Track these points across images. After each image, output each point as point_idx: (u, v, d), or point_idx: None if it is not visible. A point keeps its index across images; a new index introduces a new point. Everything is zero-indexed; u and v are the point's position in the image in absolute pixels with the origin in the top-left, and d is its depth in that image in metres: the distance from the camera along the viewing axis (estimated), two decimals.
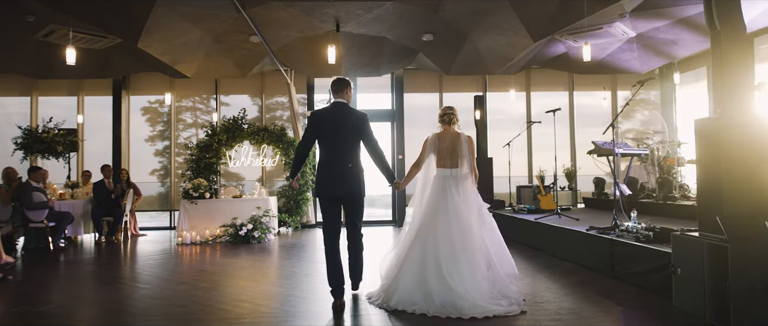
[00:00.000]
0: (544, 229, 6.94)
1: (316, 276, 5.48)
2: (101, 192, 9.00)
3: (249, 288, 4.93)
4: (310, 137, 4.20)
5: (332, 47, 6.03)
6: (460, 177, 4.35)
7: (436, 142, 4.42)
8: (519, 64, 9.81)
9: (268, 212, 8.82)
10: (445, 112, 4.50)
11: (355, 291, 4.48)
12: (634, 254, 4.72)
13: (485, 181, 10.04)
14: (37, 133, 8.98)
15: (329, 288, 4.17)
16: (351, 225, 4.25)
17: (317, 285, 5.04)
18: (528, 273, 5.46)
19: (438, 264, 3.91)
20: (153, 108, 11.24)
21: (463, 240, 4.00)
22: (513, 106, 11.53)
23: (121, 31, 6.79)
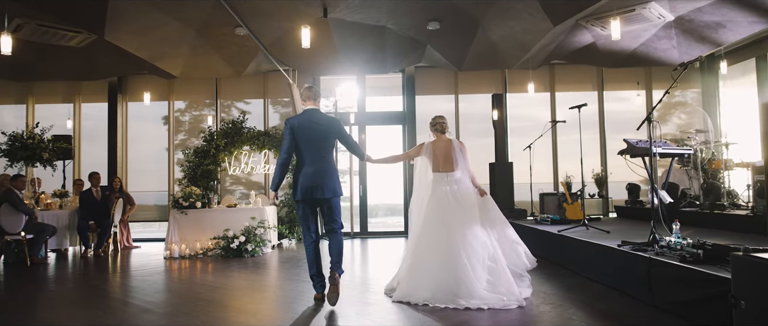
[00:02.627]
0: (568, 243, 5.97)
1: (307, 301, 4.67)
2: (88, 201, 8.42)
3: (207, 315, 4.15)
4: (290, 145, 4.40)
5: (306, 29, 5.26)
6: (456, 179, 4.70)
7: (431, 148, 4.79)
8: (539, 57, 8.85)
9: (263, 222, 8.09)
10: (436, 121, 4.92)
11: (337, 275, 4.41)
12: (679, 278, 3.75)
13: (505, 188, 9.11)
14: (22, 140, 8.47)
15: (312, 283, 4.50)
16: (332, 222, 4.50)
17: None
18: (548, 298, 4.53)
19: (440, 258, 4.28)
20: (153, 113, 10.69)
21: (463, 236, 4.34)
22: (536, 111, 10.52)
23: (85, 23, 6.19)
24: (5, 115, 10.48)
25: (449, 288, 4.17)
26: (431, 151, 4.76)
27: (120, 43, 6.55)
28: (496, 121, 9.48)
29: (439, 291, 4.19)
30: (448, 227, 4.38)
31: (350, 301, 4.55)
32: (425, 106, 10.58)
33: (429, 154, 4.75)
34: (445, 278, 4.21)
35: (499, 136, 9.51)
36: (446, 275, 4.22)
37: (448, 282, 4.19)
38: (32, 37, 6.74)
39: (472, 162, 10.10)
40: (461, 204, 4.51)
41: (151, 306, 4.54)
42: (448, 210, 4.47)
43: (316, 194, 4.36)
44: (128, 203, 9.33)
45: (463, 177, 4.68)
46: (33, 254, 7.43)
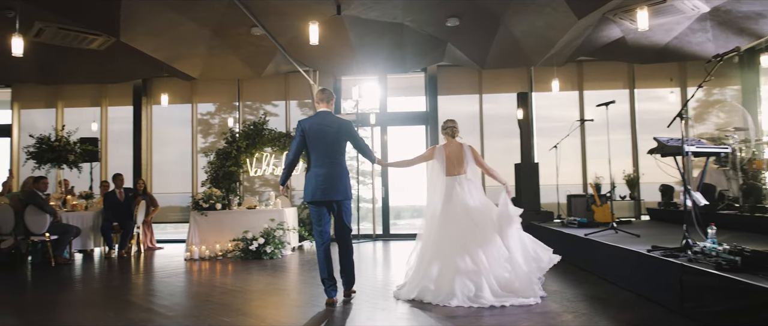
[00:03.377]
0: (595, 247, 5.67)
1: (318, 306, 4.54)
2: (111, 203, 8.51)
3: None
4: (299, 146, 4.46)
5: (315, 25, 5.12)
6: (467, 181, 4.81)
7: (444, 151, 4.87)
8: (565, 53, 8.52)
9: (282, 225, 8.01)
10: (448, 124, 5.02)
11: (347, 294, 4.58)
12: (714, 287, 3.46)
13: (531, 190, 8.80)
14: (49, 142, 8.63)
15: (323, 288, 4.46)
16: (343, 226, 4.53)
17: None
18: (573, 306, 4.28)
19: (451, 257, 4.39)
20: (178, 115, 10.77)
21: (474, 235, 4.49)
22: (564, 110, 10.15)
23: (100, 24, 6.21)
24: (36, 119, 10.72)
25: (465, 287, 4.29)
26: (445, 154, 4.84)
27: (136, 45, 6.56)
28: (522, 121, 9.18)
29: (456, 290, 4.29)
30: (464, 228, 4.52)
31: (361, 307, 4.40)
32: (448, 106, 10.36)
33: (442, 157, 4.84)
34: (460, 277, 4.33)
35: (524, 136, 9.21)
36: (461, 274, 4.34)
37: (463, 282, 4.31)
38: (54, 40, 6.83)
39: (497, 163, 9.93)
40: (475, 206, 4.68)
41: (161, 309, 4.48)
42: (463, 212, 4.61)
43: (326, 196, 4.41)
44: (151, 204, 9.41)
45: (473, 178, 4.87)
46: (57, 254, 7.53)
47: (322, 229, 4.49)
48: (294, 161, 4.56)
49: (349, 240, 4.59)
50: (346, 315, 4.15)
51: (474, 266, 4.35)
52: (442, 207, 4.68)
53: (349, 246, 4.59)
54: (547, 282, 5.36)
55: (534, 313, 4.07)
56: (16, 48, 4.74)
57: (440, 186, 4.79)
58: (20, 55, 4.80)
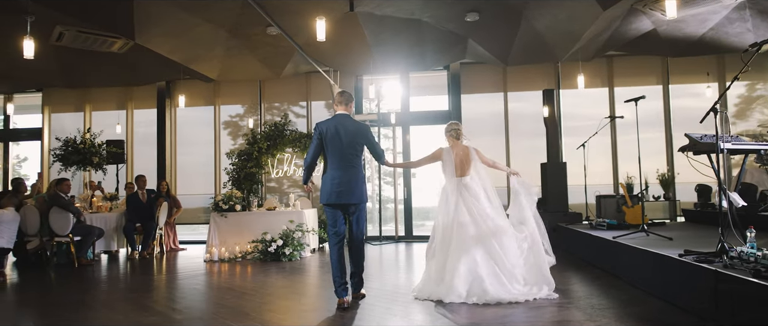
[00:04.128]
0: (624, 251, 5.35)
1: (329, 309, 4.40)
2: (134, 204, 8.59)
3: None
4: (317, 147, 4.49)
5: (321, 21, 4.96)
6: (472, 181, 4.90)
7: (451, 154, 4.94)
8: (592, 47, 8.15)
9: (301, 226, 7.92)
10: (453, 127, 5.08)
11: (356, 296, 4.59)
12: (752, 296, 3.15)
13: (558, 191, 8.49)
14: (74, 144, 8.77)
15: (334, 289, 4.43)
16: (356, 229, 4.54)
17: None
18: (598, 313, 4.01)
19: (462, 255, 4.52)
20: (202, 117, 10.83)
21: (483, 233, 4.62)
22: (594, 109, 9.75)
23: (115, 26, 6.23)
24: (66, 122, 10.94)
25: (480, 285, 4.43)
26: (453, 156, 4.93)
27: (152, 47, 6.57)
28: (548, 118, 8.86)
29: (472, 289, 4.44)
30: (474, 227, 4.66)
31: (374, 310, 4.23)
32: (472, 105, 10.10)
33: (450, 159, 4.92)
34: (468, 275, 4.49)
35: (551, 135, 8.89)
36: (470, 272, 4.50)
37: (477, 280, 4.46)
38: (75, 44, 6.91)
39: (523, 163, 9.64)
40: (483, 206, 4.79)
41: (170, 312, 4.42)
42: (472, 212, 4.72)
43: (340, 199, 4.42)
44: (174, 206, 9.47)
45: (478, 178, 4.96)
46: (80, 255, 7.61)
47: (336, 231, 4.50)
48: (312, 164, 4.59)
49: (361, 243, 4.60)
50: (357, 320, 3.98)
51: (484, 263, 4.51)
52: (454, 208, 4.74)
53: (360, 250, 4.60)
54: (571, 288, 5.09)
55: (555, 321, 3.83)
56: (28, 51, 4.77)
57: (451, 187, 4.86)
58: (31, 57, 4.84)
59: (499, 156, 9.99)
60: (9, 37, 6.37)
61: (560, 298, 4.59)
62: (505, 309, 4.21)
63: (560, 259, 7.04)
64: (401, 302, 4.60)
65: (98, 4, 5.67)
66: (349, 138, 4.42)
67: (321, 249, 8.91)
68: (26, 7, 5.27)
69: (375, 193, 10.29)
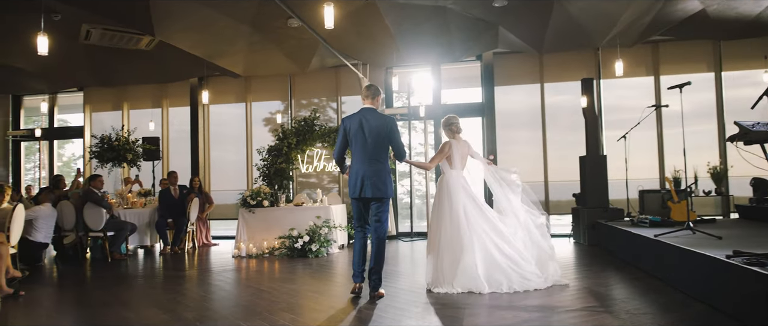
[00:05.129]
0: (666, 250, 4.91)
1: (344, 309, 4.23)
2: (166, 200, 8.69)
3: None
4: (342, 143, 4.56)
5: (329, 6, 4.74)
6: (469, 175, 5.11)
7: (457, 148, 5.02)
8: (633, 32, 7.62)
9: (328, 222, 7.79)
10: (453, 121, 5.16)
11: (374, 295, 4.47)
12: None
13: (598, 185, 8.01)
14: (109, 142, 8.97)
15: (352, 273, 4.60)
16: (377, 224, 4.49)
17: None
18: (636, 319, 3.66)
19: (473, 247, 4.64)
20: (236, 113, 10.90)
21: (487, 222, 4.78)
22: (640, 99, 9.13)
23: (135, 22, 6.24)
24: (105, 121, 11.23)
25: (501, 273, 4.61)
26: (458, 150, 5.01)
27: (173, 42, 6.57)
28: (586, 109, 8.37)
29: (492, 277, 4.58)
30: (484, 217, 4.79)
31: (387, 311, 4.02)
32: (506, 97, 9.71)
33: (458, 153, 5.00)
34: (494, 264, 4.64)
35: (590, 126, 8.40)
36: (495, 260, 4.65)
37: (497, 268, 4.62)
38: (102, 41, 7.02)
39: (562, 158, 9.18)
40: (479, 195, 5.04)
41: (181, 308, 4.35)
42: (478, 201, 4.88)
43: (364, 193, 4.43)
44: (207, 202, 9.55)
45: (474, 170, 5.21)
46: (114, 250, 7.76)
47: (360, 224, 4.59)
48: (339, 159, 4.66)
49: (382, 240, 4.51)
50: (368, 322, 3.79)
51: (498, 251, 4.69)
52: (461, 199, 4.81)
53: (380, 247, 4.51)
54: (608, 291, 4.72)
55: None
56: (42, 47, 4.82)
57: (454, 180, 4.91)
58: (45, 53, 4.88)
59: (535, 150, 9.58)
60: (34, 35, 6.48)
61: (593, 302, 4.27)
62: (529, 313, 3.92)
63: (598, 259, 6.63)
64: (421, 303, 4.37)
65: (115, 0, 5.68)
66: (372, 133, 4.41)
67: (351, 245, 8.77)
68: (53, 6, 5.34)
69: (407, 189, 10.07)
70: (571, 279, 5.30)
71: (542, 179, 9.55)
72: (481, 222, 4.74)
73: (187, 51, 7.21)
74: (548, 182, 9.53)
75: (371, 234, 4.55)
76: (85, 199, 7.67)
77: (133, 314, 4.33)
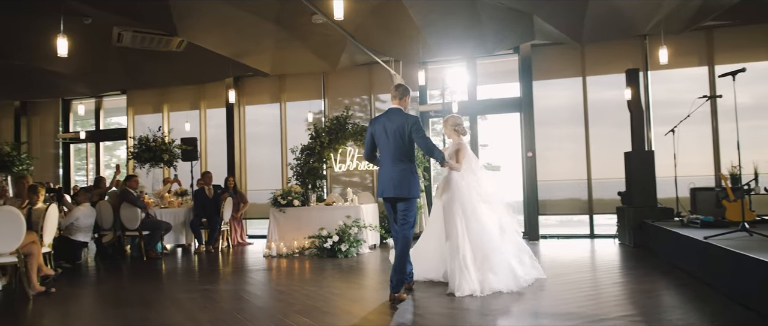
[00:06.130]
0: (716, 254, 4.46)
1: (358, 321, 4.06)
2: (201, 199, 8.78)
3: None
4: (369, 144, 4.62)
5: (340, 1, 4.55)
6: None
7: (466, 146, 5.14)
8: (681, 18, 7.04)
9: (357, 221, 7.64)
10: (459, 121, 5.22)
11: (393, 298, 4.38)
12: None
13: (645, 183, 7.50)
14: (147, 143, 9.17)
15: None
16: (401, 223, 4.50)
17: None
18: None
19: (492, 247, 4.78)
20: (269, 112, 10.94)
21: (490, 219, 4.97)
22: (693, 92, 8.48)
23: (159, 23, 6.27)
24: (147, 122, 11.49)
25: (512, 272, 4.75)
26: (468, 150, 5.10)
27: (198, 42, 6.59)
28: (631, 102, 7.85)
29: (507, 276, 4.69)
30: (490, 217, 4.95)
31: (405, 313, 3.81)
32: (545, 92, 9.24)
33: (468, 152, 5.07)
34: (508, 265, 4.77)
35: (635, 120, 7.88)
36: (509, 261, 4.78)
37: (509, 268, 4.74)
38: (134, 44, 7.15)
39: (606, 154, 8.71)
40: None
41: (197, 310, 4.29)
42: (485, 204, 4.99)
43: (387, 193, 4.47)
44: (241, 201, 9.61)
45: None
46: (149, 249, 7.89)
47: (394, 227, 4.58)
48: (370, 158, 4.75)
49: (405, 240, 4.48)
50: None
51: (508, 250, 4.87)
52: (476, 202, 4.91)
53: (404, 247, 4.47)
54: (651, 298, 4.33)
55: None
56: (61, 49, 4.90)
57: (462, 178, 4.97)
58: (65, 55, 4.96)
59: (577, 147, 9.09)
60: (72, 39, 6.65)
61: (632, 310, 3.94)
62: (563, 321, 3.63)
63: (643, 262, 6.18)
64: (451, 308, 4.13)
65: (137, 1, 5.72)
66: (394, 134, 4.41)
67: (383, 245, 8.59)
68: (79, 8, 5.45)
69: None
70: (612, 284, 4.97)
71: (585, 177, 9.05)
72: (494, 219, 4.94)
73: (214, 51, 7.22)
74: (592, 180, 9.02)
75: (396, 235, 4.51)
76: (121, 199, 7.84)
77: (152, 313, 4.32)
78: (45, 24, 5.76)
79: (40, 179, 11.33)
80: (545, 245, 8.12)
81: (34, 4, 5.71)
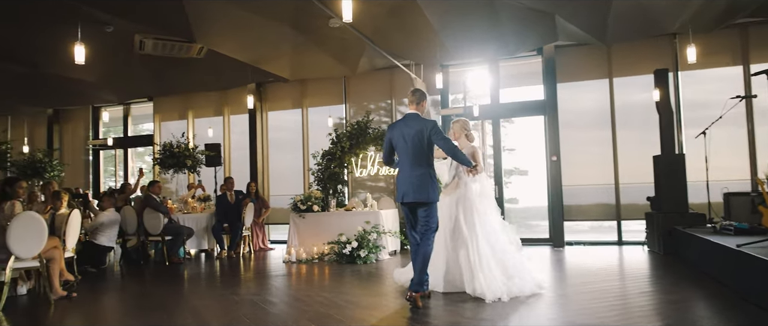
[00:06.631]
0: (748, 263, 4.21)
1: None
2: (222, 205, 8.85)
3: None
4: (387, 150, 4.67)
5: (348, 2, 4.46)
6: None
7: None
8: (710, 14, 6.74)
9: (377, 227, 7.57)
10: (468, 126, 5.28)
11: (409, 297, 4.38)
12: None
13: (675, 187, 7.21)
14: (170, 149, 9.30)
15: None
16: (423, 226, 4.53)
17: None
18: None
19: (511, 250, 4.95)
20: (292, 118, 10.99)
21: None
22: (727, 96, 8.12)
23: (176, 29, 6.33)
24: (173, 129, 11.70)
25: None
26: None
27: (216, 47, 6.63)
28: (660, 103, 7.56)
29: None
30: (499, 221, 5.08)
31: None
32: (569, 95, 8.99)
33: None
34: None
35: (664, 122, 7.58)
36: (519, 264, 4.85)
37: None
38: (156, 51, 7.25)
39: (634, 158, 8.39)
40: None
41: (209, 315, 4.28)
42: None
43: (406, 198, 4.48)
44: (263, 206, 9.65)
45: None
46: (172, 254, 7.98)
47: (412, 233, 4.60)
48: (388, 164, 4.83)
49: (427, 241, 4.51)
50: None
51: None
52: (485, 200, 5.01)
53: (426, 247, 4.49)
54: (675, 307, 4.12)
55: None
56: (79, 56, 4.99)
57: (474, 182, 5.00)
58: (82, 62, 5.05)
59: (603, 150, 8.82)
60: (97, 48, 6.77)
61: (657, 321, 3.74)
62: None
63: (672, 270, 5.93)
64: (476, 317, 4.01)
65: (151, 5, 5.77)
66: (412, 139, 4.44)
67: (404, 251, 8.48)
68: (97, 15, 5.55)
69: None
70: (638, 294, 4.76)
71: (612, 182, 8.76)
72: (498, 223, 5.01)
73: (233, 57, 7.27)
74: (619, 185, 8.72)
75: (420, 240, 4.52)
76: (144, 204, 7.96)
77: (164, 317, 4.33)
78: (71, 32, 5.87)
79: (72, 185, 11.65)
80: (570, 252, 7.88)
81: (53, 13, 5.84)
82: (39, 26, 6.27)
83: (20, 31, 6.57)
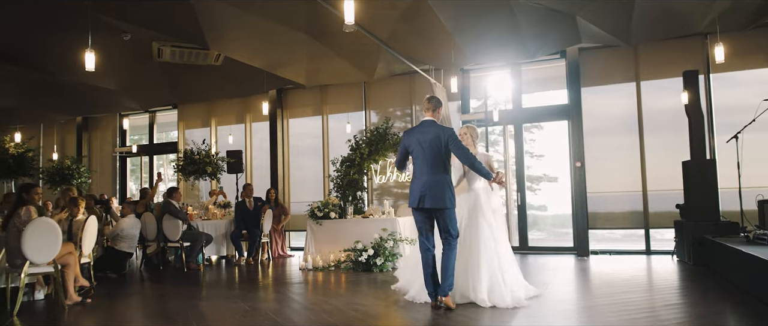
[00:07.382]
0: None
1: None
2: (241, 211, 8.86)
3: None
4: (402, 154, 4.75)
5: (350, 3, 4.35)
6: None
7: None
8: (744, 12, 6.41)
9: (393, 234, 7.44)
10: (477, 133, 5.28)
11: (444, 297, 4.46)
12: None
13: (705, 194, 6.88)
14: (191, 156, 9.38)
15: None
16: (443, 233, 4.57)
17: None
18: None
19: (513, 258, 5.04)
20: (312, 125, 10.99)
21: None
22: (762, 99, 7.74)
23: (190, 36, 6.35)
24: (196, 136, 11.83)
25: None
26: None
27: (230, 54, 6.63)
28: (689, 106, 7.24)
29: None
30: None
31: None
32: (595, 99, 8.72)
33: None
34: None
35: (694, 126, 7.25)
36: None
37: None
38: (174, 59, 7.32)
39: (662, 164, 8.05)
40: None
41: (215, 323, 4.22)
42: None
43: (422, 203, 4.51)
44: (282, 213, 9.64)
45: None
46: (190, 260, 8.00)
47: (424, 237, 4.61)
48: (401, 169, 4.94)
49: (450, 245, 4.53)
50: None
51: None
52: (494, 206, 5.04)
53: (449, 251, 4.52)
54: (702, 321, 3.87)
55: None
56: (89, 63, 5.05)
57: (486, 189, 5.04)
58: (92, 69, 5.10)
59: (630, 156, 8.51)
60: (115, 56, 6.89)
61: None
62: None
63: (701, 281, 5.62)
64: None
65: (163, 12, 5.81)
66: (430, 145, 4.50)
67: None
68: (111, 23, 5.63)
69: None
70: (663, 306, 4.52)
71: (640, 188, 8.43)
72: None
73: (248, 63, 7.29)
74: (647, 192, 8.39)
75: (444, 246, 4.55)
76: (164, 211, 8.02)
77: (169, 324, 4.28)
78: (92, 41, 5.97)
79: (99, 191, 11.91)
80: (595, 261, 7.59)
81: (66, 21, 5.92)
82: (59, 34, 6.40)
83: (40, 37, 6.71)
